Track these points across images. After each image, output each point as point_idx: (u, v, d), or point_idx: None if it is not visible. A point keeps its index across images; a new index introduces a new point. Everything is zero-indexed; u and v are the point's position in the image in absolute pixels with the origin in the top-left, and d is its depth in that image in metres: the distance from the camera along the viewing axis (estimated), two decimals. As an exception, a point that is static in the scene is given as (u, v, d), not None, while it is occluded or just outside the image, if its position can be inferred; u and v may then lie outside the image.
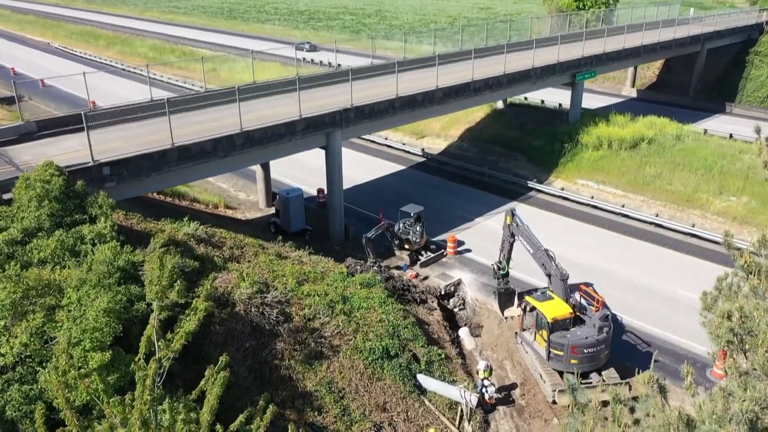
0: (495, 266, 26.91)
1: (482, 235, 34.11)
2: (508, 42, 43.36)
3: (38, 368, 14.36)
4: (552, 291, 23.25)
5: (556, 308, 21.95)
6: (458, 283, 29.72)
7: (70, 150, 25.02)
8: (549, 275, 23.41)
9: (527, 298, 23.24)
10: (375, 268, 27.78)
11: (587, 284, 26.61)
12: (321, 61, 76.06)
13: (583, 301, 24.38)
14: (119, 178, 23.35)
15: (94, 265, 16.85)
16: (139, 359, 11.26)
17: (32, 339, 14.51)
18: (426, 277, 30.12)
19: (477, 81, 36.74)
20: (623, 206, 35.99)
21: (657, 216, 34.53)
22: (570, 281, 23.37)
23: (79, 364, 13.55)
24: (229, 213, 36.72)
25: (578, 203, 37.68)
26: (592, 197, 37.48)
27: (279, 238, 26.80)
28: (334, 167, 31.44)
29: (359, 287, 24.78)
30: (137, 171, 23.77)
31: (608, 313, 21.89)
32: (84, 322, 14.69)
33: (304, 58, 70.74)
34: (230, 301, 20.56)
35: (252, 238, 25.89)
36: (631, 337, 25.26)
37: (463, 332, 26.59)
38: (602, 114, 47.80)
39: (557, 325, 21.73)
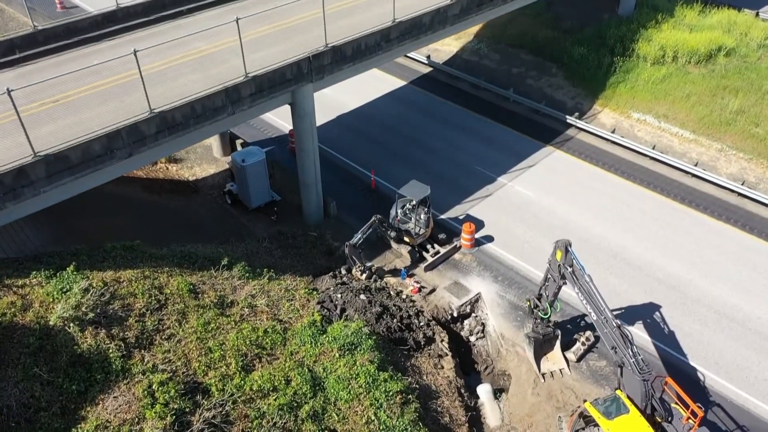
0: (531, 302, 18.99)
1: (506, 207, 25.64)
2: None
3: None
4: (622, 391, 15.64)
5: (633, 435, 14.48)
6: (476, 300, 21.98)
7: None
8: (621, 366, 15.62)
9: (587, 405, 15.61)
10: (363, 296, 19.87)
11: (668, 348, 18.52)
12: None
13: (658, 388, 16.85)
14: (-53, 220, 14.62)
15: None
16: None
17: None
18: (433, 290, 22.23)
19: (509, -18, 25.86)
20: (696, 164, 26.95)
21: (743, 184, 25.70)
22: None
23: None
24: (173, 170, 27.82)
25: (633, 152, 28.51)
26: (654, 147, 28.18)
27: (223, 264, 18.54)
28: (304, 132, 22.08)
29: (337, 354, 17.16)
30: (-21, 204, 14.92)
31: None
32: None
33: None
34: (128, 453, 13.07)
35: (180, 276, 17.59)
36: (721, 415, 18.06)
37: (484, 393, 19.32)
38: (663, 5, 36.48)
39: (634, 461, 14.45)
